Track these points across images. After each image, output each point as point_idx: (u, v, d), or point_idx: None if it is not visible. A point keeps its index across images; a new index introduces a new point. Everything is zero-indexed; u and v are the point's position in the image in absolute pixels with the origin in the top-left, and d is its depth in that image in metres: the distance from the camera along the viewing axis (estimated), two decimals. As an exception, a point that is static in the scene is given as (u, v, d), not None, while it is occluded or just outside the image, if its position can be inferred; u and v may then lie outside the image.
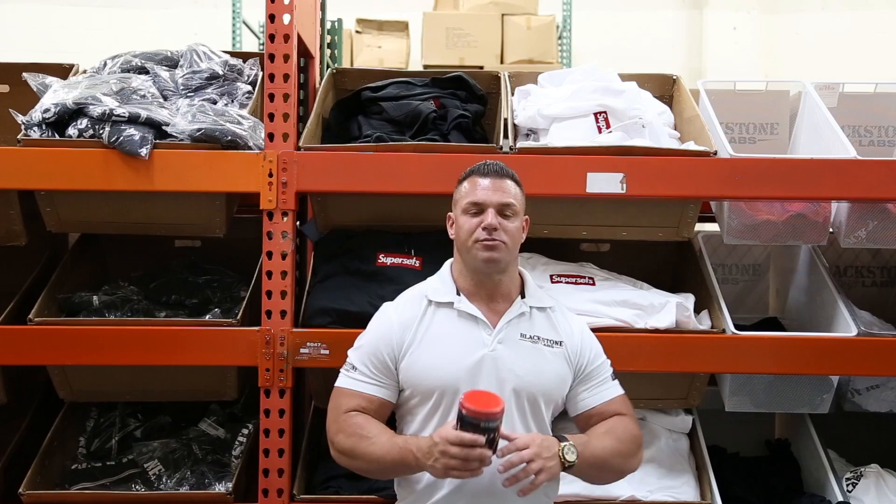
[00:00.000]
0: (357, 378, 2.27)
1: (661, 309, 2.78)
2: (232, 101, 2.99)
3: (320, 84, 3.18)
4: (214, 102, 2.94)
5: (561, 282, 2.86)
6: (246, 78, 3.12)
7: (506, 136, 2.87)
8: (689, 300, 2.86)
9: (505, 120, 2.96)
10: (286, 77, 2.75)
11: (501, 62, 6.06)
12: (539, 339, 2.28)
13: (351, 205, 2.93)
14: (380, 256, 2.83)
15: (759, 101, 3.35)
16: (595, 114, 2.86)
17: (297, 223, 2.86)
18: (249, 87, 3.07)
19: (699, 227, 3.16)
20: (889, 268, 3.49)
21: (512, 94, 3.10)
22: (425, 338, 2.25)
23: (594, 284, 2.88)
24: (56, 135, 2.74)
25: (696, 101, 3.11)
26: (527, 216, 2.33)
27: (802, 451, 3.14)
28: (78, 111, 2.72)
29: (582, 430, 2.33)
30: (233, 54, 3.18)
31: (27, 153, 2.72)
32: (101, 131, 2.70)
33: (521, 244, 2.33)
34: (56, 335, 2.74)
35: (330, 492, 2.77)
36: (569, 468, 2.14)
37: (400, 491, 2.30)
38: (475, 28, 6.11)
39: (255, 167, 2.72)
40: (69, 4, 7.60)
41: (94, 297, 2.94)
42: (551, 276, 2.87)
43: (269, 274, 2.73)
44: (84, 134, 2.71)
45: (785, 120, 3.34)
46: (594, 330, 2.43)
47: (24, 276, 3.02)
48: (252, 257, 2.93)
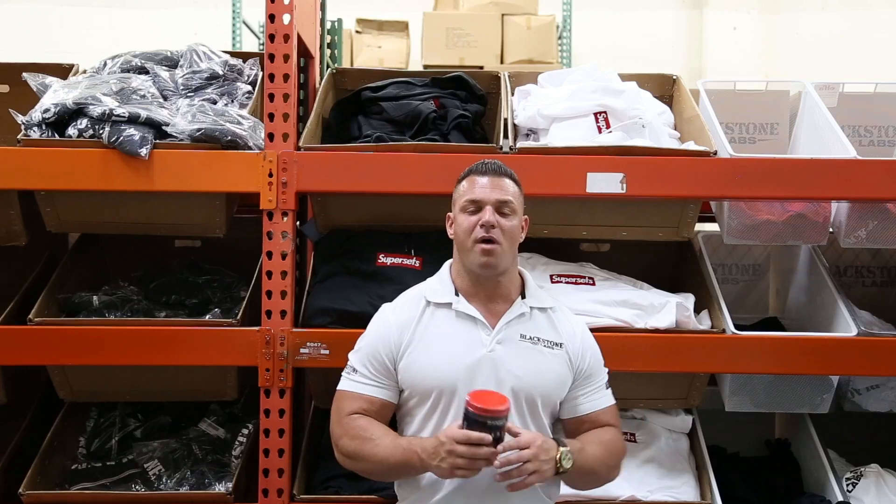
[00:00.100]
0: (358, 380, 2.27)
1: (661, 309, 2.78)
2: (232, 101, 2.99)
3: (320, 84, 3.17)
4: (214, 102, 2.94)
5: (561, 282, 2.86)
6: (246, 78, 3.12)
7: (506, 136, 2.87)
8: (689, 300, 2.86)
9: (505, 120, 2.96)
10: (286, 77, 2.75)
11: (501, 62, 6.06)
12: (539, 340, 2.27)
13: (351, 205, 2.93)
14: (380, 256, 2.83)
15: (759, 101, 3.35)
16: (595, 114, 2.86)
17: (297, 223, 2.86)
18: (249, 87, 3.07)
19: (699, 227, 3.16)
20: (889, 268, 3.49)
21: (512, 94, 3.10)
22: (423, 338, 2.25)
23: (594, 284, 2.88)
24: (56, 135, 2.74)
25: (696, 101, 3.10)
26: (526, 216, 2.32)
27: (802, 451, 3.14)
28: (78, 111, 2.72)
29: (570, 435, 2.32)
30: (233, 54, 3.18)
31: (27, 153, 2.72)
32: (100, 131, 2.70)
33: (522, 244, 2.33)
34: (56, 335, 2.74)
35: (330, 492, 2.77)
36: (560, 474, 2.14)
37: (400, 491, 2.29)
38: (475, 28, 6.11)
39: (254, 167, 2.72)
40: (69, 4, 7.60)
41: (94, 297, 2.94)
42: (551, 276, 2.87)
43: (269, 274, 2.73)
44: (84, 134, 2.71)
45: (785, 120, 3.34)
46: (594, 330, 2.43)
47: (24, 276, 3.02)
48: (252, 257, 2.93)
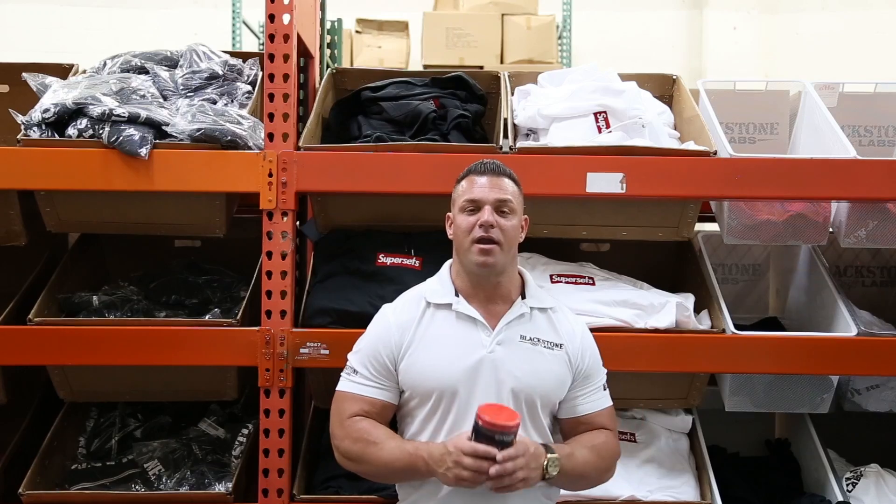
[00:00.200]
0: (358, 381, 2.27)
1: (661, 309, 2.78)
2: (232, 101, 2.99)
3: (320, 84, 3.17)
4: (214, 102, 2.94)
5: (561, 282, 2.86)
6: (246, 78, 3.12)
7: (506, 136, 2.87)
8: (689, 300, 2.86)
9: (505, 120, 2.96)
10: (286, 77, 2.75)
11: (501, 62, 6.06)
12: (539, 340, 2.27)
13: (351, 205, 2.93)
14: (380, 256, 2.83)
15: (758, 100, 3.34)
16: (595, 114, 2.86)
17: (297, 223, 2.86)
18: (249, 87, 3.07)
19: (699, 226, 3.16)
20: (889, 268, 3.49)
21: (512, 94, 3.10)
22: (424, 339, 2.25)
23: (594, 284, 2.88)
24: (56, 135, 2.74)
25: (696, 100, 3.10)
26: (526, 216, 2.32)
27: (802, 451, 3.14)
28: (78, 111, 2.72)
29: (566, 434, 2.33)
30: (233, 54, 3.18)
31: (27, 153, 2.72)
32: (100, 131, 2.69)
33: (522, 244, 2.33)
34: (56, 335, 2.74)
35: (330, 492, 2.77)
36: (547, 479, 2.15)
37: (401, 491, 2.29)
38: (475, 28, 6.11)
39: (254, 167, 2.72)
40: (69, 4, 7.60)
41: (94, 298, 2.94)
42: (551, 276, 2.87)
43: (269, 274, 2.73)
44: (84, 134, 2.71)
45: (785, 120, 3.34)
46: (594, 330, 2.43)
47: (24, 276, 3.02)
48: (252, 257, 2.93)
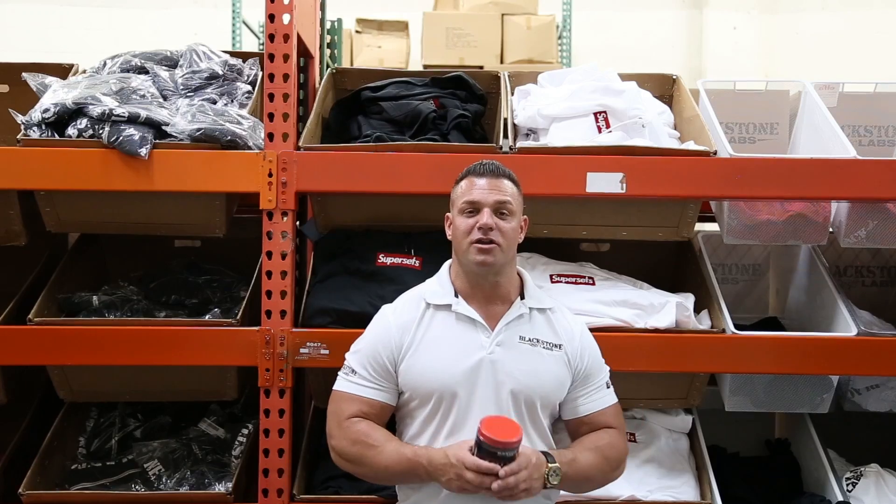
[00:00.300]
0: (357, 382, 2.27)
1: (661, 309, 2.78)
2: (232, 101, 2.99)
3: (320, 84, 3.17)
4: (214, 102, 2.94)
5: (561, 282, 2.86)
6: (246, 78, 3.12)
7: (506, 136, 2.87)
8: (689, 300, 2.86)
9: (505, 120, 2.96)
10: (286, 77, 2.75)
11: (501, 62, 6.06)
12: (538, 341, 2.27)
13: (351, 205, 2.93)
14: (379, 256, 2.83)
15: (758, 100, 3.34)
16: (595, 113, 2.86)
17: (297, 223, 2.86)
18: (249, 87, 3.07)
19: (699, 226, 3.16)
20: (889, 267, 3.49)
21: (512, 94, 3.10)
22: (423, 341, 2.25)
23: (594, 284, 2.87)
24: (56, 135, 2.74)
25: (696, 100, 3.10)
26: (525, 216, 2.32)
27: (802, 451, 3.14)
28: (77, 111, 2.72)
29: (572, 434, 2.34)
30: (233, 54, 3.18)
31: (27, 153, 2.72)
32: (100, 131, 2.69)
33: (521, 244, 2.33)
34: (56, 335, 2.74)
35: (330, 492, 2.77)
36: (549, 488, 2.16)
37: (401, 492, 2.30)
38: (475, 28, 6.11)
39: (254, 167, 2.72)
40: (68, 4, 7.60)
41: (94, 298, 2.94)
42: (551, 276, 2.87)
43: (269, 274, 2.73)
44: (84, 134, 2.71)
45: (785, 120, 3.34)
46: (594, 330, 2.43)
47: (24, 276, 3.02)
48: (252, 257, 2.93)
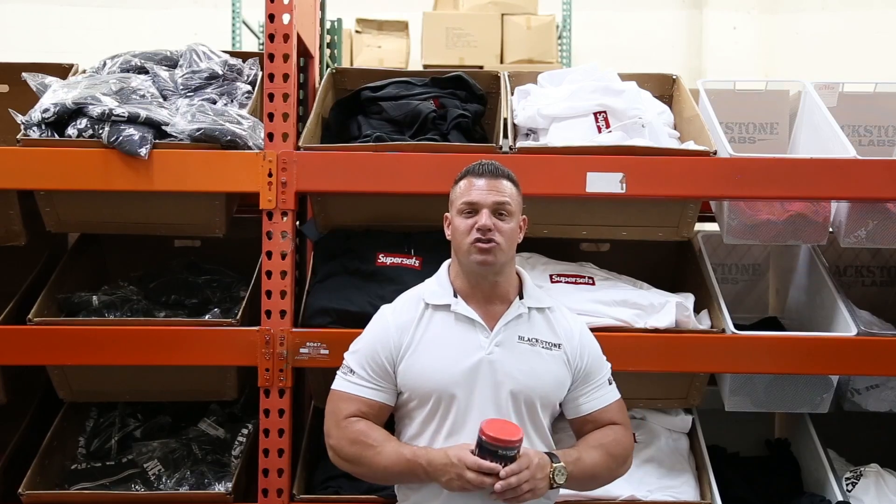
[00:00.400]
0: (356, 382, 2.27)
1: (660, 309, 2.78)
2: (231, 101, 2.99)
3: (320, 84, 3.17)
4: (214, 102, 2.94)
5: (561, 281, 2.86)
6: (245, 78, 3.11)
7: (505, 136, 2.87)
8: (688, 300, 2.86)
9: (505, 120, 2.96)
10: (286, 77, 2.75)
11: (501, 62, 6.06)
12: (537, 341, 2.27)
13: (350, 205, 2.93)
14: (379, 256, 2.83)
15: (758, 100, 3.34)
16: (595, 113, 2.86)
17: (297, 223, 2.86)
18: (249, 87, 3.07)
19: (699, 226, 3.16)
20: (889, 267, 3.49)
21: (512, 94, 3.10)
22: (422, 341, 2.24)
23: (594, 284, 2.87)
24: (55, 135, 2.74)
25: (696, 100, 3.10)
26: (524, 216, 2.32)
27: (802, 451, 3.14)
28: (77, 111, 2.72)
29: (577, 433, 2.34)
30: (232, 54, 3.18)
31: (26, 153, 2.72)
32: (100, 131, 2.69)
33: (521, 244, 2.33)
34: (55, 335, 2.74)
35: (329, 492, 2.77)
36: (555, 487, 2.16)
37: (400, 493, 2.30)
38: (475, 28, 6.11)
39: (254, 167, 2.72)
40: (68, 4, 7.60)
41: (94, 297, 2.94)
42: (551, 276, 2.87)
43: (269, 274, 2.73)
44: (83, 134, 2.71)
45: (785, 120, 3.34)
46: (594, 330, 2.43)
47: (24, 276, 3.02)
48: (252, 257, 2.93)
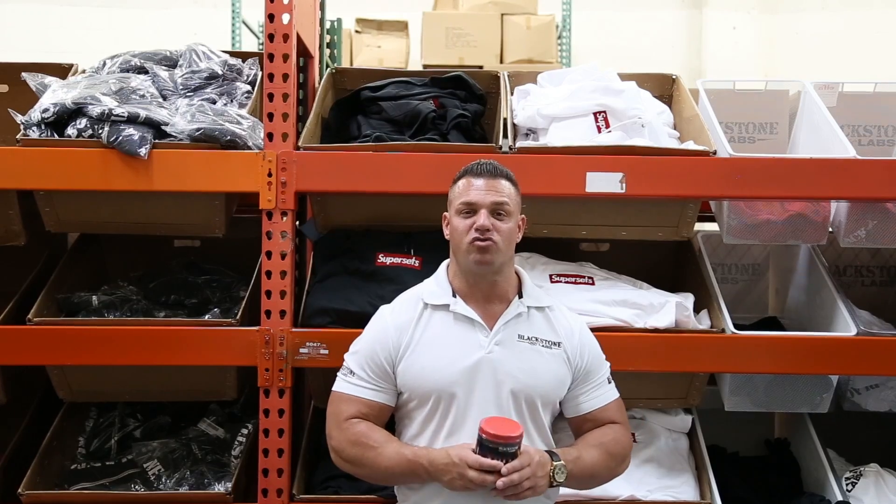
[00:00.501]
0: (356, 383, 2.26)
1: (660, 308, 2.78)
2: (231, 101, 2.99)
3: (320, 84, 3.17)
4: (214, 102, 2.94)
5: (560, 281, 2.86)
6: (245, 78, 3.11)
7: (505, 136, 2.87)
8: (688, 300, 2.86)
9: (504, 119, 2.96)
10: (285, 77, 2.75)
11: (501, 62, 6.06)
12: (537, 340, 2.27)
13: (350, 205, 2.93)
14: (379, 256, 2.83)
15: (758, 100, 3.34)
16: (594, 113, 2.86)
17: (297, 223, 2.86)
18: (249, 87, 3.07)
19: (699, 226, 3.16)
20: (888, 267, 3.49)
21: (511, 94, 3.10)
22: (422, 341, 2.24)
23: (594, 284, 2.87)
24: (55, 135, 2.73)
25: (696, 100, 3.10)
26: (523, 216, 2.32)
27: (802, 451, 3.14)
28: (77, 111, 2.72)
29: (575, 432, 2.35)
30: (232, 54, 3.18)
31: (26, 153, 2.72)
32: (100, 131, 2.69)
33: (521, 244, 2.33)
34: (55, 335, 2.74)
35: (329, 492, 2.77)
36: (555, 485, 2.16)
37: (399, 493, 2.30)
38: (475, 28, 6.11)
39: (254, 167, 2.72)
40: (68, 4, 7.60)
41: (94, 297, 2.94)
42: (551, 276, 2.87)
43: (269, 274, 2.73)
44: (83, 134, 2.71)
45: (784, 119, 3.34)
46: (594, 329, 2.43)
47: (23, 276, 3.02)
48: (251, 257, 2.93)
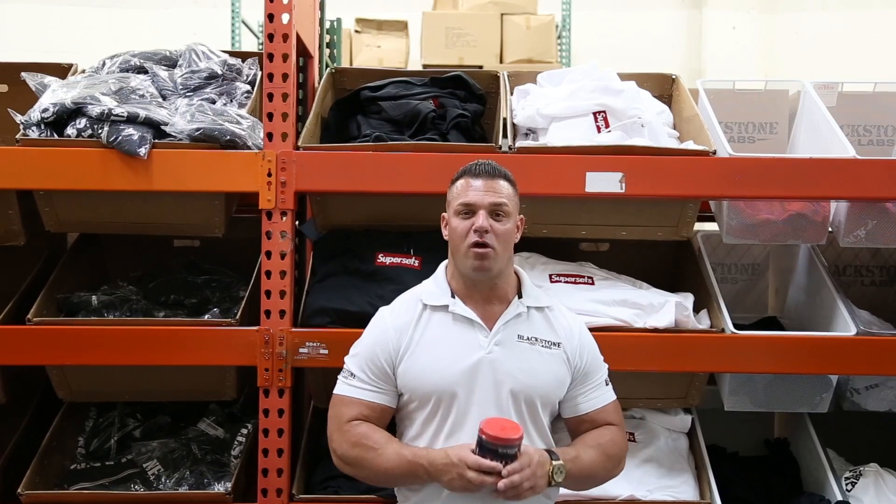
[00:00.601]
0: (356, 385, 2.26)
1: (660, 308, 2.78)
2: (231, 101, 2.99)
3: (319, 84, 3.17)
4: (213, 102, 2.94)
5: (560, 281, 2.86)
6: (245, 77, 3.11)
7: (505, 136, 2.87)
8: (688, 299, 2.86)
9: (504, 119, 2.96)
10: (285, 77, 2.75)
11: (501, 62, 6.06)
12: (537, 340, 2.27)
13: (350, 204, 2.93)
14: (379, 256, 2.83)
15: (758, 100, 3.34)
16: (594, 113, 2.86)
17: (296, 223, 2.86)
18: (248, 87, 3.07)
19: (698, 226, 3.16)
20: (888, 267, 3.49)
21: (511, 94, 3.10)
22: (421, 342, 2.24)
23: (593, 284, 2.87)
24: (55, 134, 2.73)
25: (696, 100, 3.10)
26: (522, 216, 2.31)
27: (802, 451, 3.14)
28: (76, 111, 2.72)
29: (572, 432, 2.35)
30: (232, 54, 3.17)
31: (26, 153, 2.72)
32: (99, 131, 2.69)
33: (520, 244, 2.33)
34: (55, 335, 2.74)
35: (329, 492, 2.77)
36: (553, 485, 2.16)
37: (399, 494, 2.30)
38: (474, 28, 6.11)
39: (253, 167, 2.72)
40: (68, 4, 7.59)
41: (93, 297, 2.94)
42: (550, 276, 2.87)
43: (269, 274, 2.73)
44: (83, 134, 2.71)
45: (784, 119, 3.34)
46: (593, 329, 2.43)
47: (23, 276, 3.02)
48: (251, 257, 2.93)
